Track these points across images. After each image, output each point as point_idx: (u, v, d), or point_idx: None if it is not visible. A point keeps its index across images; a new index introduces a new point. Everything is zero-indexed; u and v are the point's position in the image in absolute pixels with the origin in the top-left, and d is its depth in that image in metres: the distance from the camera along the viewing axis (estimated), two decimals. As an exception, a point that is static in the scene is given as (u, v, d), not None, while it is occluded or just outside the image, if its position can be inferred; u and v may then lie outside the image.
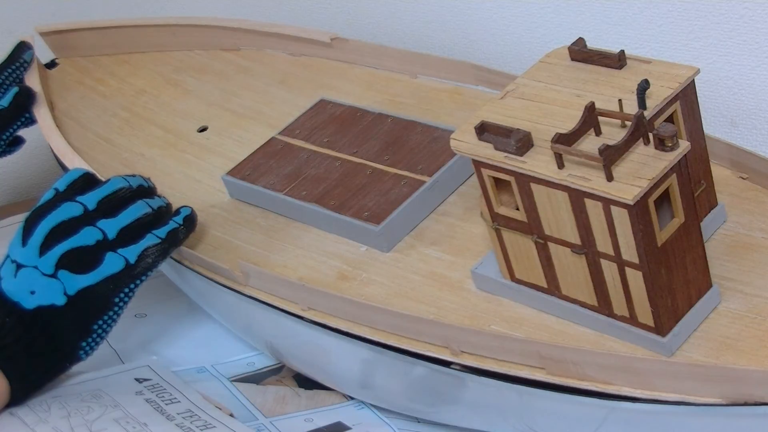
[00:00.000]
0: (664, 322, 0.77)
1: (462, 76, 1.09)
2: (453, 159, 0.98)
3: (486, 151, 0.79)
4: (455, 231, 0.95)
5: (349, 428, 0.95)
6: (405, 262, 0.93)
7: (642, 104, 0.77)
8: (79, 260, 0.93)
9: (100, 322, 0.94)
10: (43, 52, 1.25)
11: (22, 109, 1.15)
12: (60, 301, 0.92)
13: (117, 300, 0.94)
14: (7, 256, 0.94)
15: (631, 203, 0.72)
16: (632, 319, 0.79)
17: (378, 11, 1.25)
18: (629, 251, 0.75)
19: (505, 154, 0.78)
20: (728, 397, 0.73)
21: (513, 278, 0.85)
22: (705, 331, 0.79)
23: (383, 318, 0.86)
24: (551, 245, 0.80)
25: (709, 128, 0.90)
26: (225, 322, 1.07)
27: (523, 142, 0.77)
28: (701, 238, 0.78)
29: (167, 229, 0.96)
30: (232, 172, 1.05)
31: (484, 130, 0.80)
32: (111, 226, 0.94)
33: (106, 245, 0.94)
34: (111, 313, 0.94)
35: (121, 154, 1.15)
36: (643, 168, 0.73)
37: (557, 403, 0.80)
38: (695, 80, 0.81)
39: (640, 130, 0.74)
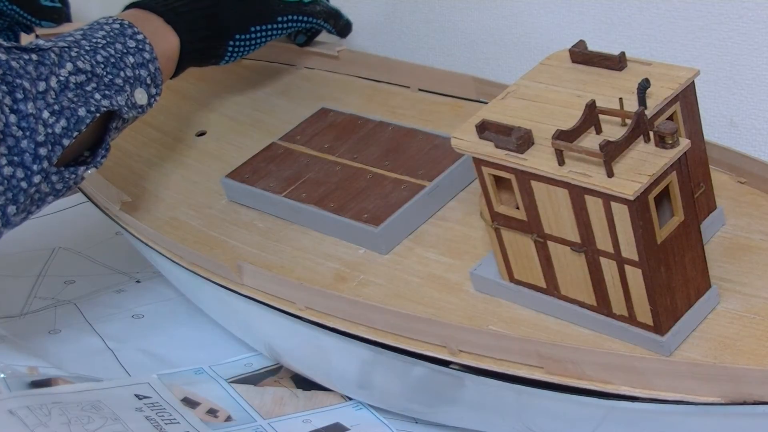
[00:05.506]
0: (663, 321, 0.77)
1: (463, 89, 1.09)
2: (453, 165, 0.98)
3: (487, 149, 0.79)
4: (454, 235, 0.95)
5: (347, 429, 0.94)
6: (403, 264, 0.93)
7: (642, 102, 0.77)
8: None
9: (258, 28, 1.04)
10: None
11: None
12: None
13: (279, 20, 1.06)
14: None
15: (632, 198, 0.72)
16: (631, 319, 0.79)
17: (378, 11, 1.25)
18: (629, 248, 0.75)
19: (506, 152, 0.78)
20: (727, 396, 0.72)
21: (512, 279, 0.85)
22: (704, 331, 0.79)
23: (381, 317, 0.86)
24: (551, 244, 0.80)
25: (708, 128, 0.90)
26: (222, 322, 1.07)
27: (523, 140, 0.77)
28: (700, 237, 0.78)
29: (337, 8, 1.12)
30: (231, 175, 1.05)
31: (484, 128, 0.80)
32: None
33: None
34: (269, 26, 1.05)
35: (117, 154, 1.15)
36: (644, 164, 0.73)
37: (556, 402, 0.79)
38: (695, 82, 0.81)
39: (640, 126, 0.75)
